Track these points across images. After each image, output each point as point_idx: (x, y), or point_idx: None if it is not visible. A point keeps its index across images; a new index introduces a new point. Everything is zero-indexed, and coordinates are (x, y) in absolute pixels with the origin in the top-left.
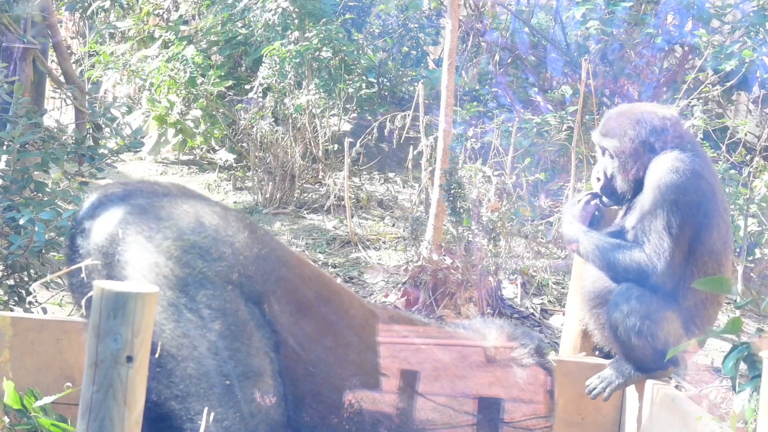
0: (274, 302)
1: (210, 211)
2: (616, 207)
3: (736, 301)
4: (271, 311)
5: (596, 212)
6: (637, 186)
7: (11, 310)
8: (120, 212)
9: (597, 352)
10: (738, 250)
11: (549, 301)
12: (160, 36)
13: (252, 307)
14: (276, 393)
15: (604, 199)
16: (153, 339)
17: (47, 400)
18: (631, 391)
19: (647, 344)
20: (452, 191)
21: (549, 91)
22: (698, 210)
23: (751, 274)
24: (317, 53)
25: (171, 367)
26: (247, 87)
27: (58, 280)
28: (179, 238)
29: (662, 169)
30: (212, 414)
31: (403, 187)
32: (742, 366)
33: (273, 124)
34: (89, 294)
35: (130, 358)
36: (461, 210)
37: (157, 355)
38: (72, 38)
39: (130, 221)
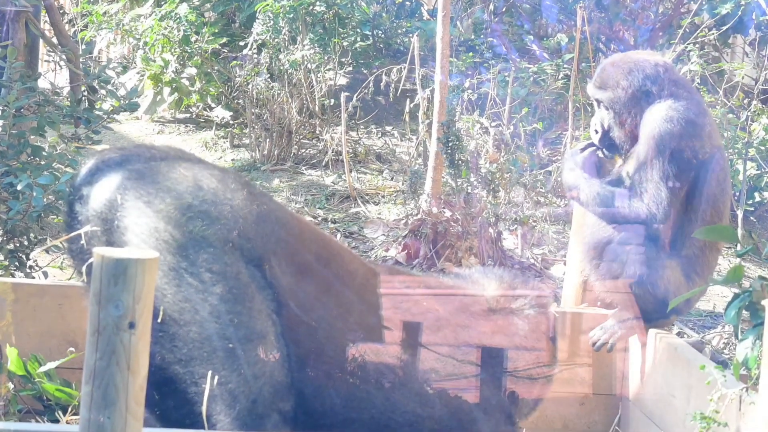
0: (274, 263)
1: (208, 173)
2: (615, 156)
3: (737, 248)
4: (272, 273)
5: (596, 161)
6: (634, 136)
7: (12, 275)
8: (117, 178)
9: (599, 303)
10: (737, 194)
11: (549, 251)
12: None
13: (252, 269)
14: (279, 354)
15: (604, 151)
16: (155, 304)
17: (51, 365)
18: (634, 340)
19: (648, 293)
20: (450, 143)
21: (545, 39)
22: (694, 158)
23: (751, 218)
24: (311, 7)
25: (174, 332)
26: (242, 44)
27: (59, 244)
28: (178, 202)
29: (656, 119)
30: (216, 377)
31: (401, 141)
32: (745, 314)
33: (268, 80)
34: (89, 261)
35: (132, 325)
36: (460, 162)
37: (159, 320)
38: None
39: (128, 186)
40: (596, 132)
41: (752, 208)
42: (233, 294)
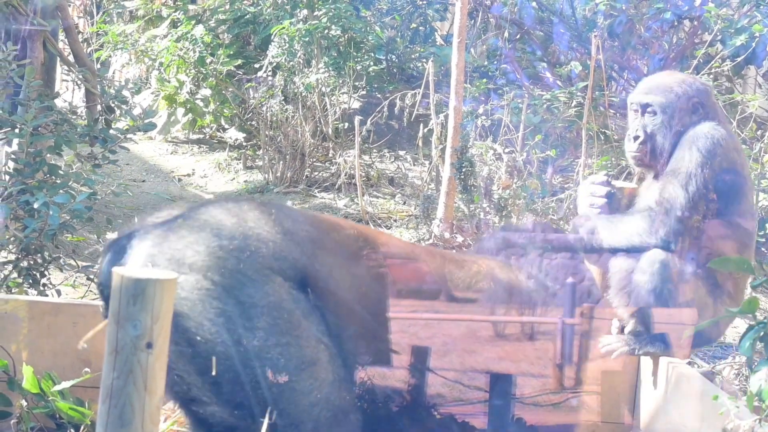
0: (317, 274)
1: (224, 210)
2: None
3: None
4: (316, 285)
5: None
6: (674, 147)
7: (26, 292)
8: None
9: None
10: None
11: None
12: (169, 15)
13: (296, 291)
14: (333, 376)
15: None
16: (206, 354)
17: (66, 384)
18: (646, 368)
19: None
20: (463, 169)
21: (557, 67)
22: (730, 180)
23: (763, 249)
24: (326, 31)
25: (230, 377)
26: (257, 66)
27: (72, 262)
28: (207, 249)
29: (698, 134)
30: (274, 413)
31: (414, 165)
32: (758, 345)
33: (283, 102)
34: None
35: (149, 345)
36: (472, 187)
37: (213, 373)
38: (80, 18)
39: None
40: (636, 138)
41: (764, 239)
42: (280, 326)
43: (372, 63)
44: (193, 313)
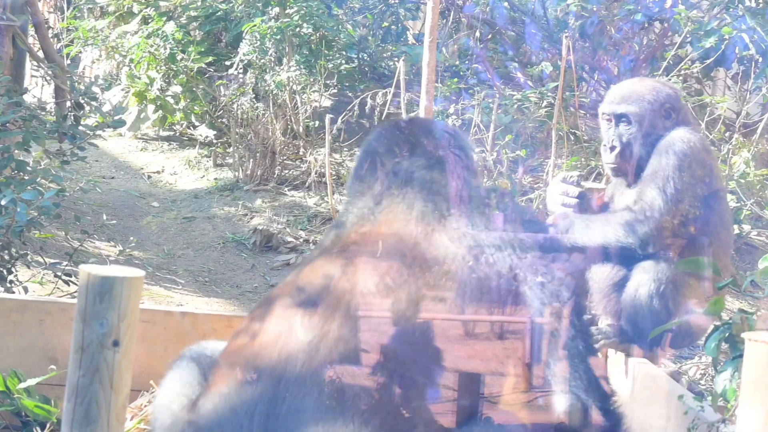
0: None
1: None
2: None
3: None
4: None
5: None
6: (649, 155)
7: None
8: None
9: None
10: None
11: None
12: (140, 11)
13: None
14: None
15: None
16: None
17: (31, 382)
18: (613, 368)
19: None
20: None
21: (529, 67)
22: (704, 184)
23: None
24: (298, 29)
25: None
26: (228, 63)
27: (39, 259)
28: None
29: (674, 139)
30: None
31: None
32: (724, 346)
33: (253, 100)
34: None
35: (116, 343)
36: None
37: None
38: (50, 13)
39: None
40: (612, 149)
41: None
42: None
43: (343, 61)
44: None
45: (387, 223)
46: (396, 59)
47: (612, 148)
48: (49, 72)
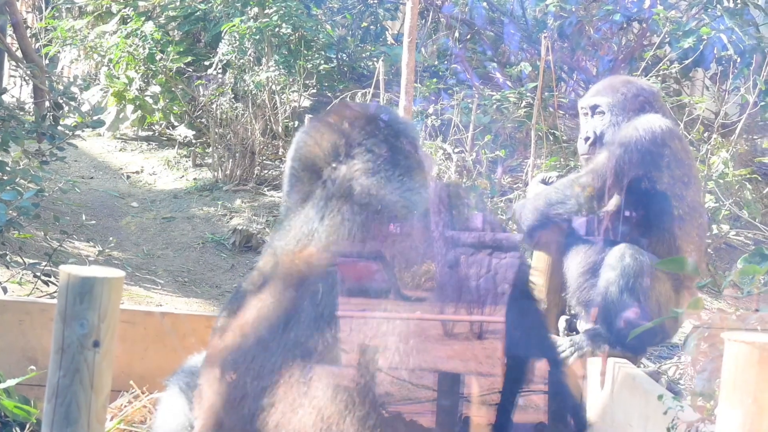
0: None
1: None
2: None
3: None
4: None
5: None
6: None
7: None
8: None
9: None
10: None
11: None
12: (119, 11)
13: None
14: None
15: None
16: None
17: (11, 382)
18: (593, 369)
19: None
20: None
21: (508, 67)
22: (667, 164)
23: (709, 250)
24: (277, 29)
25: None
26: (207, 63)
27: (18, 259)
28: None
29: (639, 119)
30: None
31: None
32: (703, 345)
33: (233, 100)
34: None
35: (96, 343)
36: None
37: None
38: (28, 12)
39: None
40: (587, 140)
41: (710, 241)
42: None
43: (322, 61)
44: None
45: (329, 245)
46: (375, 59)
47: (586, 139)
48: (28, 72)
